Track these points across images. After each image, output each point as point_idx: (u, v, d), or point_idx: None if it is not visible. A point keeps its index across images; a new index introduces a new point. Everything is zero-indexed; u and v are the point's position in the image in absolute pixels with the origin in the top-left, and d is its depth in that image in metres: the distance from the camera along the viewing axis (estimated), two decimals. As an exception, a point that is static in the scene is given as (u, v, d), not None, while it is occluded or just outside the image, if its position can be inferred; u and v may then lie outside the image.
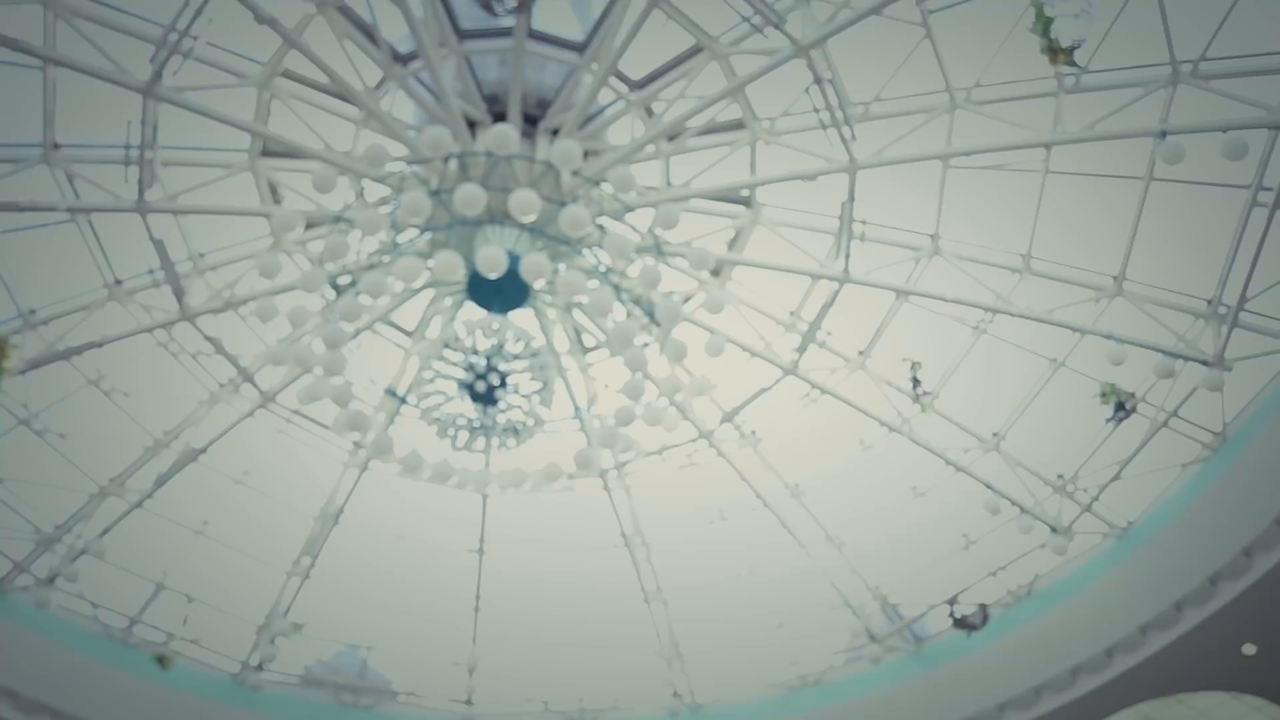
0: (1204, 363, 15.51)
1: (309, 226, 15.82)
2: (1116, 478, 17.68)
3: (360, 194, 15.45)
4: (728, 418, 19.31)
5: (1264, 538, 15.72)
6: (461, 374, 13.10)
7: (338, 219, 13.57)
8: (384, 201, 14.68)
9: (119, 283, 16.51)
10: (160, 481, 18.26)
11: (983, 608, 18.38)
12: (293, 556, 20.10)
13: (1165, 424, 16.86)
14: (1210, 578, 16.41)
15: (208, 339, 16.80)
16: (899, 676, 20.06)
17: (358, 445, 19.22)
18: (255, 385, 17.91)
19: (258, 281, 16.05)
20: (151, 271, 16.42)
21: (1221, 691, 17.97)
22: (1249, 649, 16.93)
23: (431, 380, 13.37)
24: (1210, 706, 18.36)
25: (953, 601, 18.68)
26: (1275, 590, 15.97)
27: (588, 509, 21.11)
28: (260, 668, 19.95)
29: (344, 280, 13.31)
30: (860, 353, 18.31)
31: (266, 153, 16.04)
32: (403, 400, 16.14)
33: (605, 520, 20.91)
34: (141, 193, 14.71)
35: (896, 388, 18.24)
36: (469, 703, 21.51)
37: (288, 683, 21.10)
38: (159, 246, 15.09)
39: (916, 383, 18.00)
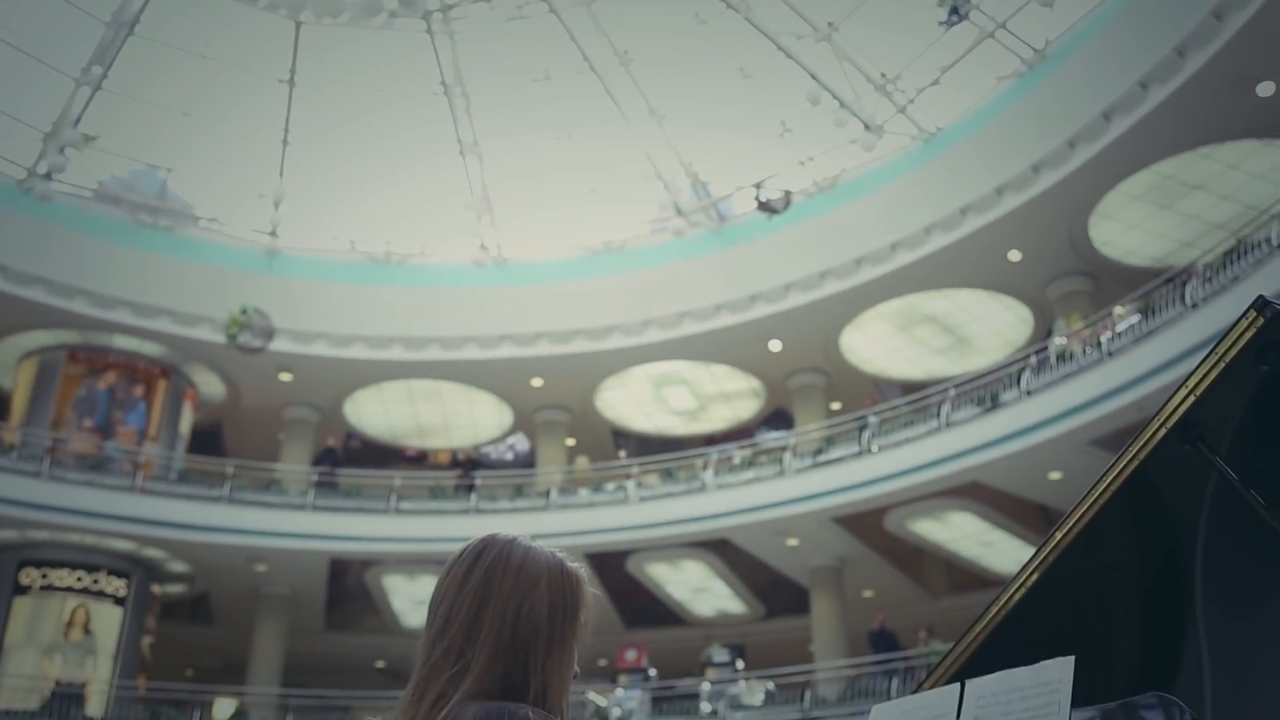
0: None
1: None
2: (935, 83, 18.05)
3: None
4: (563, -29, 18.39)
5: (1053, 155, 16.61)
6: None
7: None
8: None
9: None
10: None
11: (786, 194, 19.05)
12: (81, 64, 18.74)
13: (992, 34, 17.06)
14: (998, 188, 17.40)
15: None
16: (699, 250, 20.98)
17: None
18: None
19: None
20: None
21: (982, 290, 19.63)
22: (1014, 255, 18.37)
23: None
24: (970, 302, 20.09)
25: (759, 185, 19.24)
26: (1051, 206, 17.12)
27: (409, 52, 20.27)
28: (49, 177, 19.10)
29: None
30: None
31: None
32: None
33: (426, 66, 20.16)
34: None
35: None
36: (274, 235, 21.42)
37: (80, 196, 20.43)
38: None
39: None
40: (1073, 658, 1.80)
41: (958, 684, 1.96)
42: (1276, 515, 1.98)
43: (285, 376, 21.93)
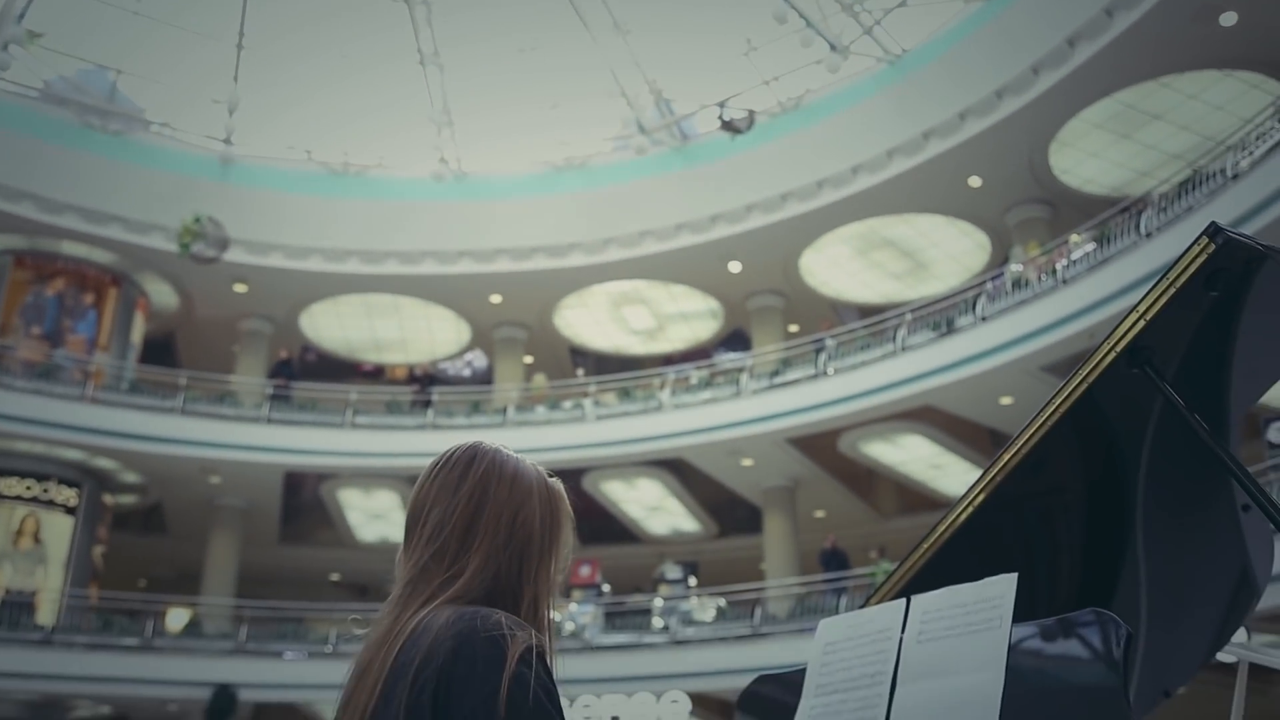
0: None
1: None
2: (902, 3, 17.87)
3: None
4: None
5: (1017, 81, 16.57)
6: None
7: None
8: None
9: None
10: None
11: (750, 113, 18.90)
12: (27, -42, 18.07)
13: (961, -44, 16.88)
14: (960, 113, 17.37)
15: None
16: (661, 169, 20.82)
17: None
18: None
19: None
20: None
21: (941, 215, 19.69)
22: (975, 181, 18.40)
23: None
24: (929, 227, 20.16)
25: (723, 104, 19.06)
26: (1013, 132, 17.13)
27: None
28: (-7, 76, 18.51)
29: None
30: None
31: None
32: None
33: (385, -29, 19.65)
34: None
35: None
36: (228, 142, 20.99)
37: (26, 96, 19.84)
38: None
39: None
40: (1016, 575, 1.84)
41: (904, 599, 2.00)
42: (1219, 441, 2.02)
43: (240, 288, 21.66)
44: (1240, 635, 2.64)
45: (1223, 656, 2.71)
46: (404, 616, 1.40)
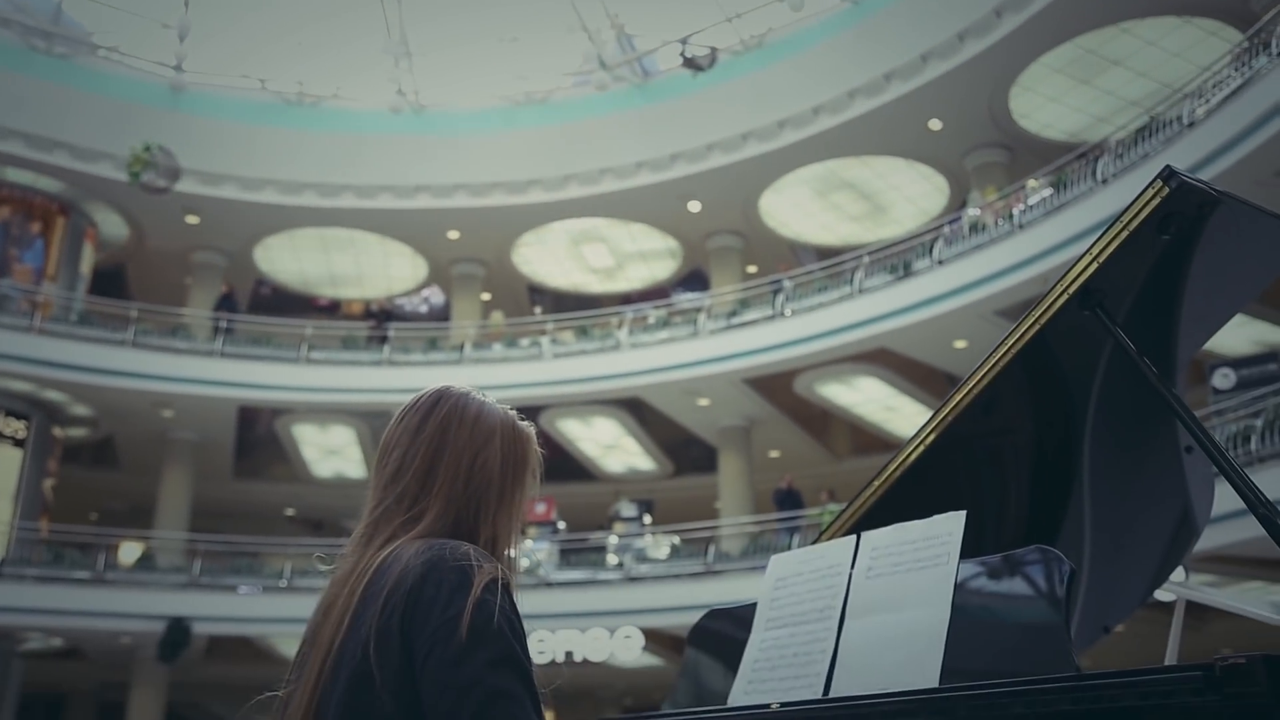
0: None
1: None
2: (868, -58, 17.70)
3: None
4: None
5: (979, 24, 16.53)
6: None
7: None
8: None
9: None
10: None
11: (712, 51, 18.71)
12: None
13: (927, -106, 16.72)
14: (923, 55, 17.31)
15: None
16: (621, 106, 20.63)
17: None
18: None
19: None
20: None
21: (901, 158, 19.70)
22: (935, 124, 18.41)
23: None
24: (888, 170, 20.18)
25: (685, 41, 18.85)
26: (974, 76, 17.12)
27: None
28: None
29: None
30: None
31: None
32: None
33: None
34: None
35: None
36: (179, 69, 20.49)
37: (-32, 18, 19.23)
38: None
39: None
40: (964, 513, 1.87)
41: (854, 535, 2.03)
42: (1167, 384, 2.05)
43: (192, 219, 21.29)
44: (1179, 574, 2.71)
45: (1161, 595, 2.78)
46: (368, 554, 1.43)
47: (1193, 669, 1.36)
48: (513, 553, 1.53)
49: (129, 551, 19.49)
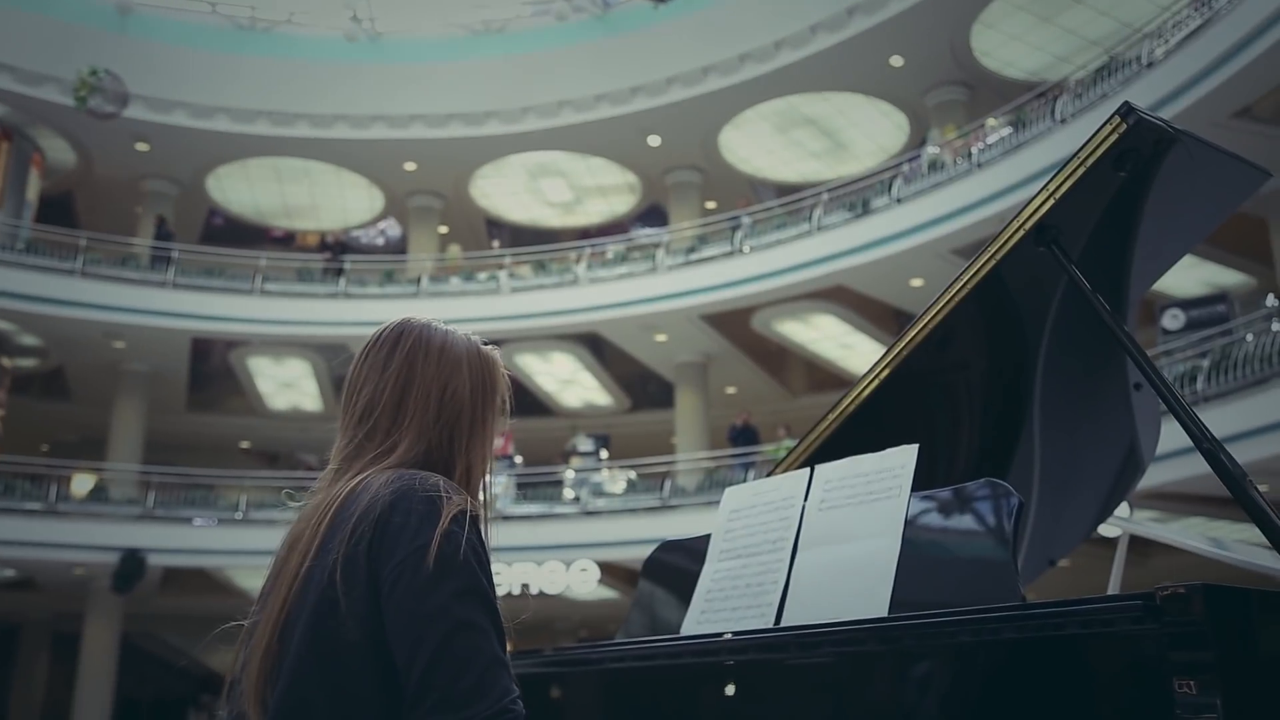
0: None
1: None
2: (832, -127, 17.44)
3: None
4: None
5: (944, -40, 16.39)
6: None
7: None
8: None
9: None
10: None
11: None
12: None
13: None
14: (886, -11, 17.16)
15: None
16: (581, 37, 20.33)
17: None
18: None
19: None
20: None
21: (861, 95, 19.62)
22: (896, 61, 18.32)
23: None
24: (848, 106, 20.09)
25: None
26: (936, 11, 17.01)
27: None
28: None
29: None
30: None
31: None
32: None
33: None
34: None
35: None
36: (126, -9, 19.90)
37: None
38: None
39: None
40: (916, 446, 1.89)
41: (808, 468, 2.05)
42: (1119, 321, 2.08)
43: (142, 146, 20.82)
44: (1123, 509, 2.76)
45: (1106, 530, 2.84)
46: (337, 485, 1.42)
47: (1134, 598, 1.39)
48: (488, 479, 1.53)
49: (81, 483, 19.31)
